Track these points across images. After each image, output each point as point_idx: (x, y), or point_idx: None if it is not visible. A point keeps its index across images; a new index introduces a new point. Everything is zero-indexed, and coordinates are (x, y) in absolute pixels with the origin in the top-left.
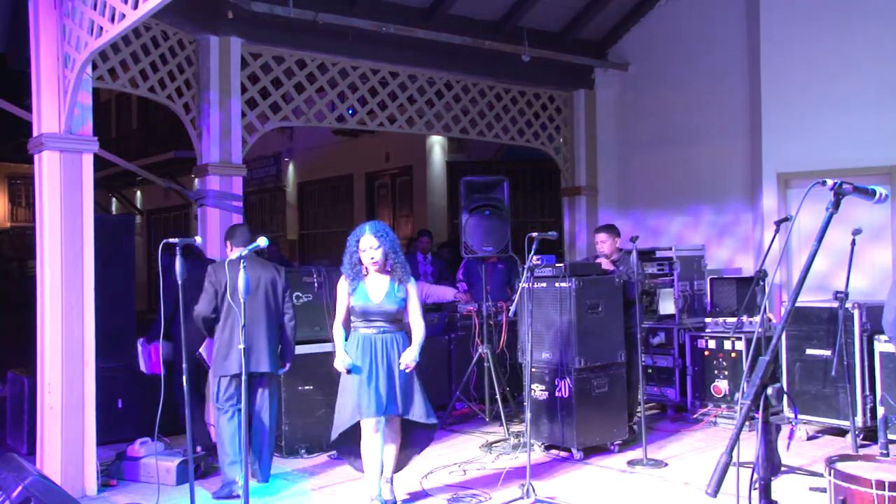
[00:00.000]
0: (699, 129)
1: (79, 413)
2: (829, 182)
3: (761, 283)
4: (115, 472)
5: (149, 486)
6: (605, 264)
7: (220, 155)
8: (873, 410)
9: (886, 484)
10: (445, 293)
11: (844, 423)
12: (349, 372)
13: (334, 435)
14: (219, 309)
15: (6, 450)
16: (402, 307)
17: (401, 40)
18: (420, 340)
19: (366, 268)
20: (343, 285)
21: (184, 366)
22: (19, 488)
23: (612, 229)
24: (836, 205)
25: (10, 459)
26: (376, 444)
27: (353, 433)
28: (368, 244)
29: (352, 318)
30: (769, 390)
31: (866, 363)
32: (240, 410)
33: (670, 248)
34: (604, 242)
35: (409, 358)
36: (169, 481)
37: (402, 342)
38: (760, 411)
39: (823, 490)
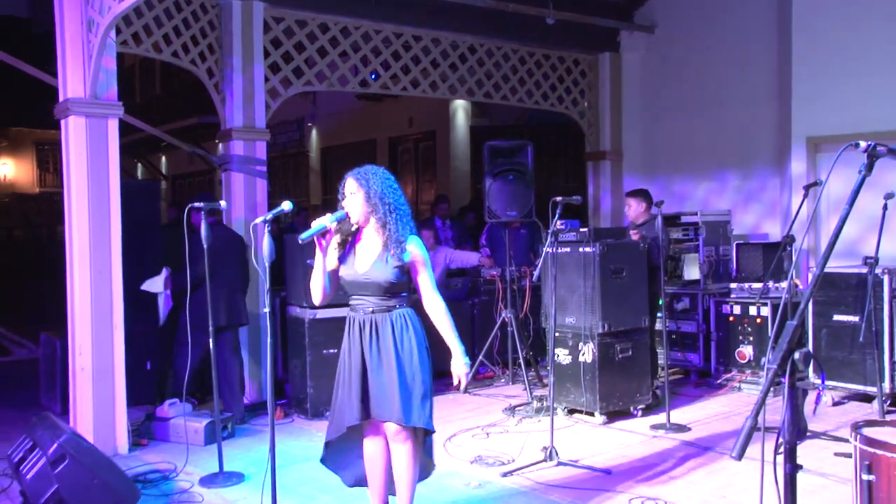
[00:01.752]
0: (727, 92)
1: (109, 374)
2: (863, 144)
3: (788, 248)
4: (145, 433)
5: (178, 445)
6: (635, 236)
7: (243, 120)
8: None
9: None
10: (470, 258)
11: (871, 389)
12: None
13: (323, 449)
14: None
15: (41, 409)
16: (401, 278)
17: (424, 3)
18: (452, 333)
19: (358, 225)
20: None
21: (210, 328)
22: (55, 445)
23: (638, 194)
24: (870, 167)
25: (46, 418)
26: (374, 453)
27: (341, 443)
28: (348, 189)
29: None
30: (797, 355)
31: (895, 329)
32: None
33: (696, 214)
34: (629, 207)
35: (460, 369)
36: (197, 441)
37: (403, 323)
38: (787, 376)
39: (849, 455)
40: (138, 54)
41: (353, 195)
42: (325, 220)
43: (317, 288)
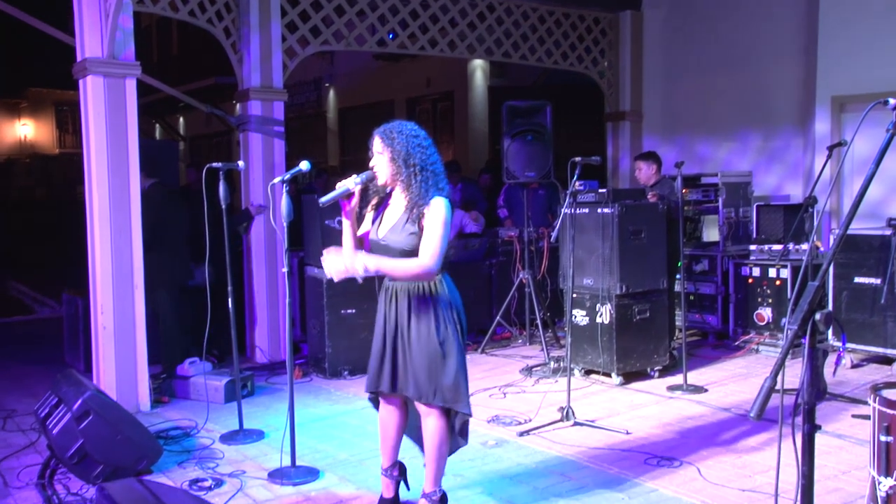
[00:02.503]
0: (750, 51)
1: (130, 333)
2: (892, 101)
3: (810, 210)
4: (166, 390)
5: (198, 403)
6: (653, 198)
7: (260, 80)
8: None
9: None
10: (469, 224)
11: (891, 352)
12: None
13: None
14: None
15: (65, 366)
16: (417, 244)
17: None
18: (399, 263)
19: (387, 186)
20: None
21: (229, 288)
22: (79, 402)
23: (648, 157)
24: None
25: (70, 375)
26: (387, 417)
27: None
28: (375, 148)
29: None
30: (817, 316)
31: None
32: None
33: (716, 175)
34: (639, 170)
35: (331, 262)
36: (217, 399)
37: (426, 294)
38: (808, 336)
39: (867, 417)
40: (155, 13)
41: (379, 155)
42: (350, 183)
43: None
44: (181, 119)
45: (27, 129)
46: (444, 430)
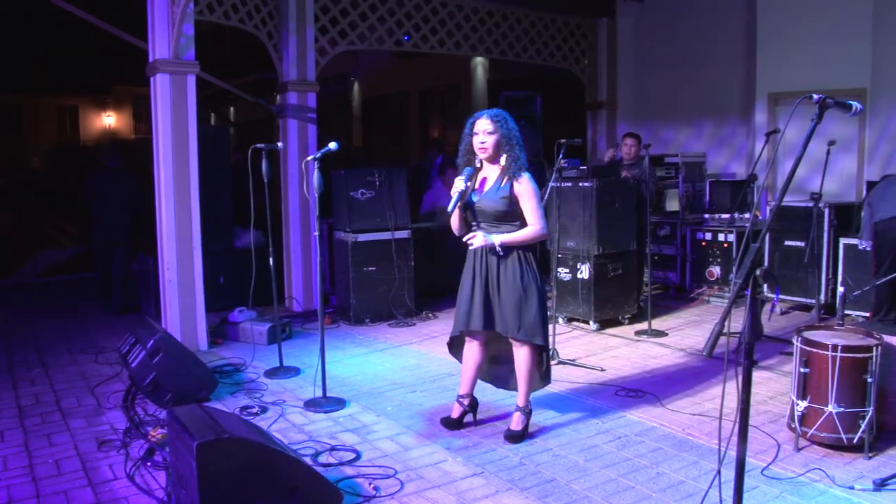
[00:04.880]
0: (703, 54)
1: (191, 286)
2: (815, 96)
3: (751, 185)
4: (220, 334)
5: (246, 345)
6: (624, 174)
7: (297, 74)
8: (834, 290)
9: (840, 347)
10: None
11: (810, 301)
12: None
13: (449, 338)
14: None
15: (140, 313)
16: (508, 207)
17: None
18: (519, 234)
19: (479, 160)
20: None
21: (270, 249)
22: (152, 341)
23: (636, 136)
24: (820, 116)
25: (144, 320)
26: (470, 353)
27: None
28: (482, 127)
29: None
30: (758, 272)
31: (832, 252)
32: None
33: (677, 155)
34: (632, 146)
35: (478, 238)
36: (261, 342)
37: (511, 252)
38: (750, 289)
39: (791, 354)
40: (212, 21)
41: (490, 134)
42: (460, 185)
43: (456, 225)
44: (231, 108)
45: (111, 119)
46: (531, 360)
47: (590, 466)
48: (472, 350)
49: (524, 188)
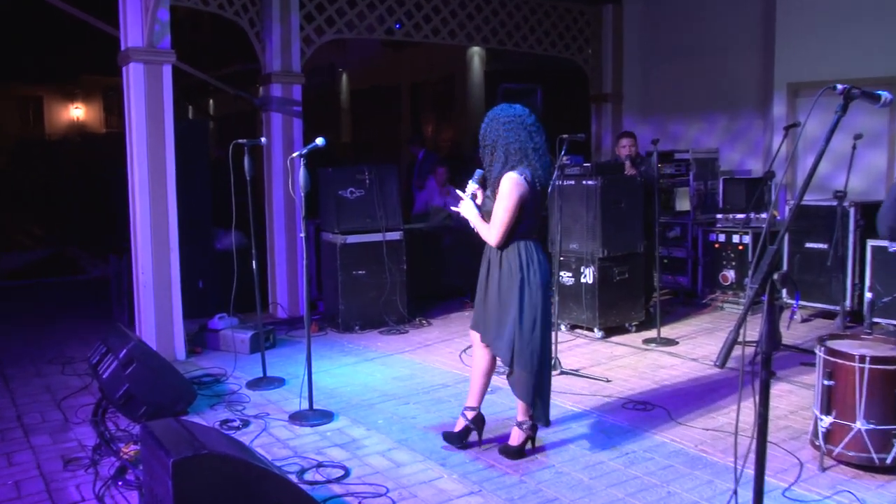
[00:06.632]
0: (717, 42)
1: (167, 290)
2: (839, 86)
3: (769, 183)
4: (198, 342)
5: (227, 353)
6: (629, 170)
7: (281, 65)
8: (860, 296)
9: (868, 358)
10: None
11: (834, 308)
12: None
13: None
14: None
15: (112, 320)
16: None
17: None
18: (480, 228)
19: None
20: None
21: (253, 251)
22: (125, 351)
23: (633, 135)
24: (845, 108)
25: (116, 328)
26: (476, 358)
27: None
28: (479, 138)
29: None
30: (775, 276)
31: (858, 255)
32: None
33: (687, 151)
34: (631, 147)
35: (464, 205)
36: (243, 350)
37: (504, 259)
38: (767, 294)
39: (814, 365)
40: (189, 7)
41: (482, 147)
42: (471, 188)
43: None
44: (211, 101)
45: (79, 112)
46: (490, 367)
47: (595, 485)
48: (479, 354)
49: (501, 190)
